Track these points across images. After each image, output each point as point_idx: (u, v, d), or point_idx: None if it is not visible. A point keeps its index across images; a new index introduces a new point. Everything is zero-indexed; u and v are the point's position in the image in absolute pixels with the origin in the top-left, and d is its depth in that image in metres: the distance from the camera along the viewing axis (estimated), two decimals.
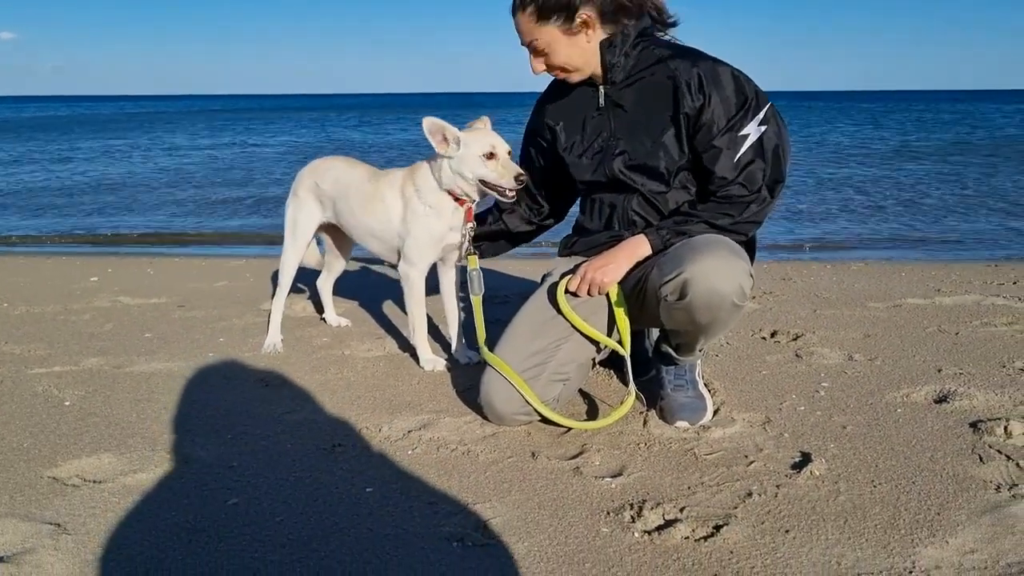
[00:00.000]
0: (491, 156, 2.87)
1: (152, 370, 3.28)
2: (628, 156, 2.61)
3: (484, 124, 3.01)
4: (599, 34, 2.56)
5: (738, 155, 2.48)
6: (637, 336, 2.94)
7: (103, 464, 2.39)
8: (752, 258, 2.61)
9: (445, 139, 2.89)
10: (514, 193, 2.89)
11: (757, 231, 2.64)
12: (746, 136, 2.47)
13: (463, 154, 2.90)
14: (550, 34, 2.54)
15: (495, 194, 2.93)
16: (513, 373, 2.53)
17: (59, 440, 2.58)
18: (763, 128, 2.48)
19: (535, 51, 2.61)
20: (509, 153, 2.91)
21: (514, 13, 2.59)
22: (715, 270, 2.31)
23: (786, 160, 2.53)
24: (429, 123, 2.87)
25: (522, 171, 2.87)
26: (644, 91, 2.58)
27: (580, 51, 2.57)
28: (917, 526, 1.94)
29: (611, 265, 2.58)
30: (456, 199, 3.02)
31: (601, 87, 2.64)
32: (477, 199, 3.04)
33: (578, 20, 2.50)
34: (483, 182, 2.91)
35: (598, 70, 2.61)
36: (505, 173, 2.87)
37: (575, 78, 2.65)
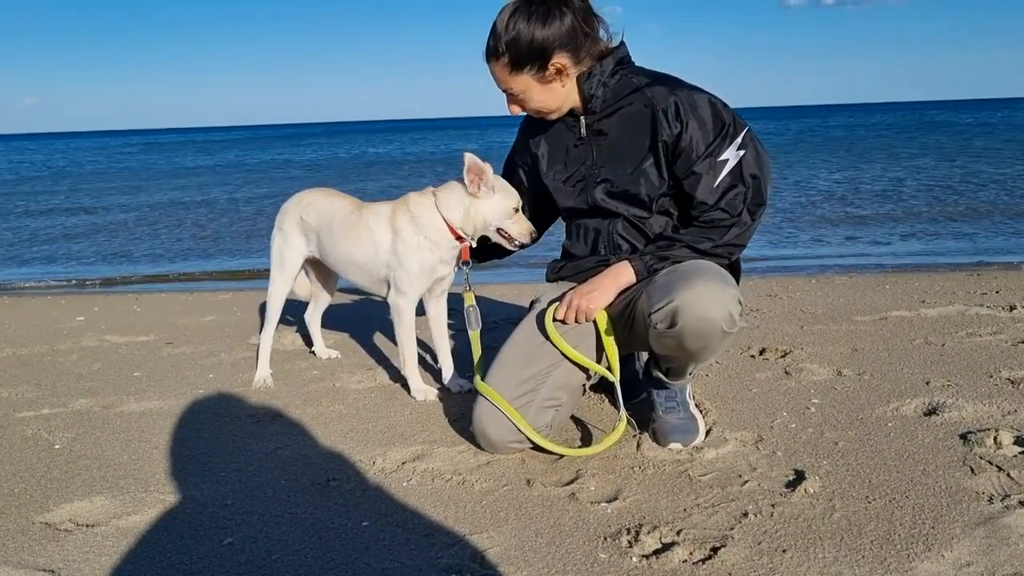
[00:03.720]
0: (516, 210, 2.95)
1: (142, 409, 3.27)
2: (610, 184, 2.63)
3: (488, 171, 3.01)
4: (574, 74, 2.58)
5: (718, 180, 2.50)
6: (627, 359, 2.95)
7: (96, 507, 2.37)
8: (737, 279, 2.64)
9: (479, 181, 2.90)
10: (520, 246, 3.00)
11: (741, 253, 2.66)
12: (725, 161, 2.50)
13: (496, 203, 2.93)
14: (524, 82, 2.57)
15: (503, 241, 2.99)
16: (505, 403, 2.53)
17: (50, 484, 2.55)
18: (741, 153, 2.51)
19: (511, 96, 2.65)
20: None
21: (487, 60, 2.61)
22: (705, 298, 2.32)
23: (766, 183, 2.55)
24: (471, 161, 2.86)
25: (535, 229, 2.98)
26: (624, 119, 2.60)
27: (554, 96, 2.60)
28: (912, 541, 1.96)
29: (596, 292, 2.60)
30: (457, 237, 3.04)
31: (582, 117, 2.67)
32: (476, 240, 3.06)
33: (551, 69, 2.53)
34: (500, 231, 2.97)
35: (578, 103, 2.65)
36: (522, 229, 2.96)
37: (552, 117, 2.69)
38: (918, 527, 2.02)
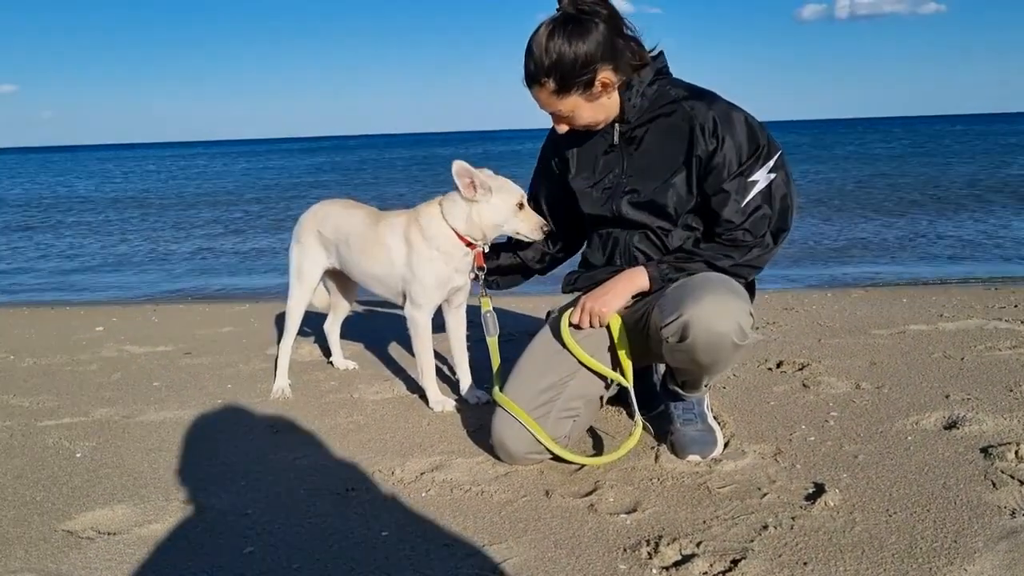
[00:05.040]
0: (520, 207, 2.93)
1: (162, 419, 3.29)
2: (637, 195, 2.61)
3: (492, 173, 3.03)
4: (618, 85, 2.54)
5: (746, 200, 2.49)
6: (644, 372, 2.94)
7: (117, 516, 2.39)
8: (752, 297, 2.63)
9: (472, 185, 2.91)
10: (540, 239, 2.97)
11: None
12: (755, 182, 2.49)
13: (496, 203, 2.92)
14: (573, 103, 2.53)
15: (521, 237, 2.99)
16: (524, 414, 2.53)
17: (72, 492, 2.57)
18: (772, 176, 2.50)
19: (558, 117, 2.61)
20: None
21: (530, 86, 2.56)
22: (714, 311, 2.32)
23: (792, 209, 2.54)
24: (459, 167, 2.89)
25: (545, 221, 2.93)
26: (659, 131, 2.58)
27: (603, 109, 2.57)
28: (934, 554, 1.94)
29: (608, 295, 2.60)
30: (468, 244, 3.05)
31: (616, 124, 2.64)
32: (489, 245, 3.07)
33: (598, 85, 2.49)
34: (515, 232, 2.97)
35: (618, 112, 2.61)
36: (533, 225, 2.93)
37: (600, 127, 2.65)
38: (940, 541, 2.01)
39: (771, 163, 2.50)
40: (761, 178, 2.49)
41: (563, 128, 2.65)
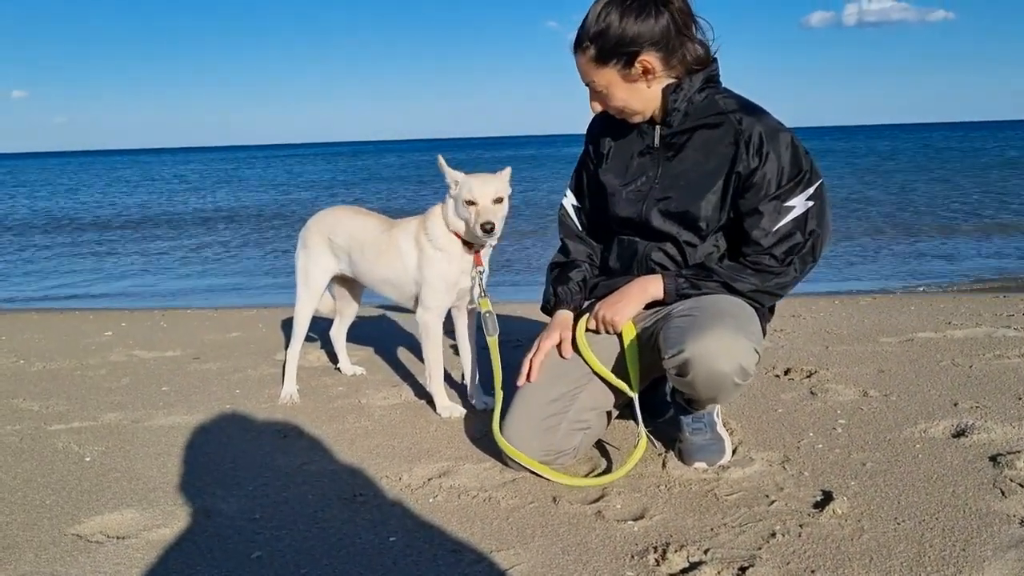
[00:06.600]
0: (471, 203, 2.95)
1: (171, 424, 3.30)
2: (669, 203, 2.56)
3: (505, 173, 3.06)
4: (662, 80, 2.50)
5: (778, 225, 2.45)
6: (658, 380, 2.92)
7: (126, 520, 2.40)
8: (772, 313, 2.62)
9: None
10: (484, 237, 2.96)
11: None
12: (791, 208, 2.45)
13: (456, 195, 3.01)
14: (608, 77, 2.49)
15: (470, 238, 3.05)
16: (528, 459, 2.53)
17: (81, 496, 2.58)
18: (810, 204, 2.45)
19: (593, 92, 2.58)
20: (499, 201, 2.97)
21: (574, 51, 2.53)
22: (715, 350, 2.29)
23: (823, 242, 2.50)
24: (439, 162, 3.04)
25: (489, 220, 2.90)
26: (701, 141, 2.53)
27: (639, 97, 2.51)
28: (943, 563, 1.94)
29: (621, 303, 2.60)
30: (465, 243, 3.08)
31: (658, 127, 2.60)
32: (484, 245, 3.10)
33: (637, 67, 2.44)
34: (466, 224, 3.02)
35: (659, 111, 2.56)
36: (477, 221, 2.93)
37: (635, 119, 2.60)
38: (948, 549, 2.00)
39: (811, 191, 2.46)
40: (798, 204, 2.45)
41: (597, 107, 2.61)
